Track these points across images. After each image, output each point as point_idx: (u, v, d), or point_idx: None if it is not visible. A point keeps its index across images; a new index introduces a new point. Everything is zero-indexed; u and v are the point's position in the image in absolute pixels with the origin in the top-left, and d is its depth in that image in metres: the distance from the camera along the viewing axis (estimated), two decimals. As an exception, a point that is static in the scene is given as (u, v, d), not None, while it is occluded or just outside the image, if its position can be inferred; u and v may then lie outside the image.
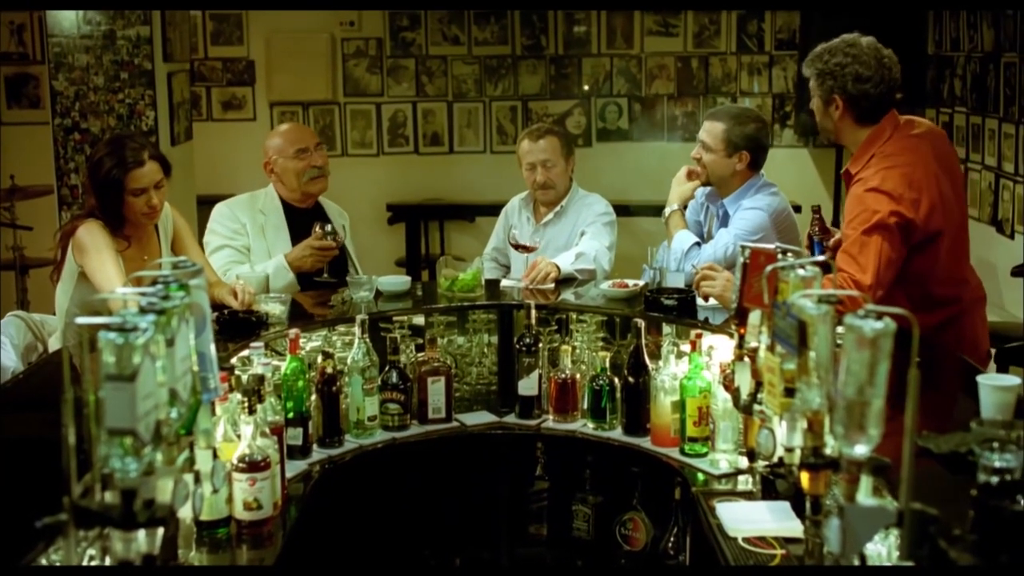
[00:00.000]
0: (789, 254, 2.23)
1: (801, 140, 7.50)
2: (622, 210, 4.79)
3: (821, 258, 2.07)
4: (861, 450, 1.67)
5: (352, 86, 7.65)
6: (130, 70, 5.55)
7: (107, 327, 1.54)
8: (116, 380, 1.52)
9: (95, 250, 3.35)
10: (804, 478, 1.93)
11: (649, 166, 7.23)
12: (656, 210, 4.26)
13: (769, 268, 2.09)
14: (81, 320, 1.58)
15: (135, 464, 1.55)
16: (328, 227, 3.94)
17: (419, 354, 3.34)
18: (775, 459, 2.27)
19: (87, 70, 5.53)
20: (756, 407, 2.33)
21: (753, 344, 2.34)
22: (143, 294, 1.71)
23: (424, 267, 7.34)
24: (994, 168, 5.91)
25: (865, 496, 1.72)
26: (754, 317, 2.34)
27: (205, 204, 4.43)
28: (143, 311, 1.65)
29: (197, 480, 2.02)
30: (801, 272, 2.02)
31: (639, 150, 7.60)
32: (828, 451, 1.90)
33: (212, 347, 1.97)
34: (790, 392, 2.01)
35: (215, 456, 2.21)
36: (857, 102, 3.31)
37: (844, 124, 3.38)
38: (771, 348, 2.11)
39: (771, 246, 2.34)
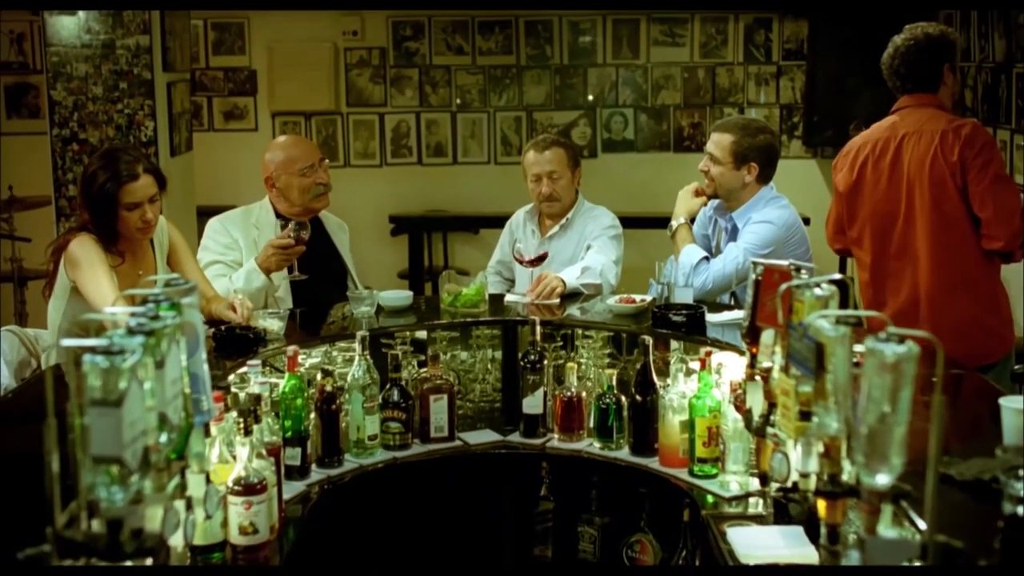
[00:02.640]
0: (803, 271, 2.16)
1: (809, 151, 7.43)
2: (629, 223, 4.72)
3: (838, 276, 1.99)
4: (883, 480, 1.60)
5: (355, 96, 7.60)
6: (129, 80, 5.49)
7: (92, 350, 1.47)
8: (101, 405, 1.46)
9: (88, 265, 3.29)
10: (821, 506, 1.86)
11: (656, 177, 7.17)
12: (664, 223, 4.19)
13: (784, 286, 2.02)
14: (67, 342, 1.51)
15: (122, 493, 1.49)
16: (291, 224, 3.84)
17: (421, 371, 3.29)
18: (789, 483, 2.19)
19: (86, 80, 5.46)
20: (769, 430, 2.26)
21: (766, 364, 2.26)
22: (132, 314, 1.64)
23: (427, 280, 7.26)
24: (1005, 180, 5.82)
25: (886, 527, 1.65)
26: (767, 336, 2.27)
27: (205, 215, 4.36)
28: (132, 332, 1.58)
29: (189, 506, 1.95)
30: (817, 291, 1.94)
31: (645, 161, 7.54)
32: (845, 477, 1.83)
33: (205, 367, 1.90)
34: (805, 415, 1.94)
35: (208, 480, 2.14)
36: None
37: None
38: (785, 369, 2.03)
39: (784, 262, 2.27)
